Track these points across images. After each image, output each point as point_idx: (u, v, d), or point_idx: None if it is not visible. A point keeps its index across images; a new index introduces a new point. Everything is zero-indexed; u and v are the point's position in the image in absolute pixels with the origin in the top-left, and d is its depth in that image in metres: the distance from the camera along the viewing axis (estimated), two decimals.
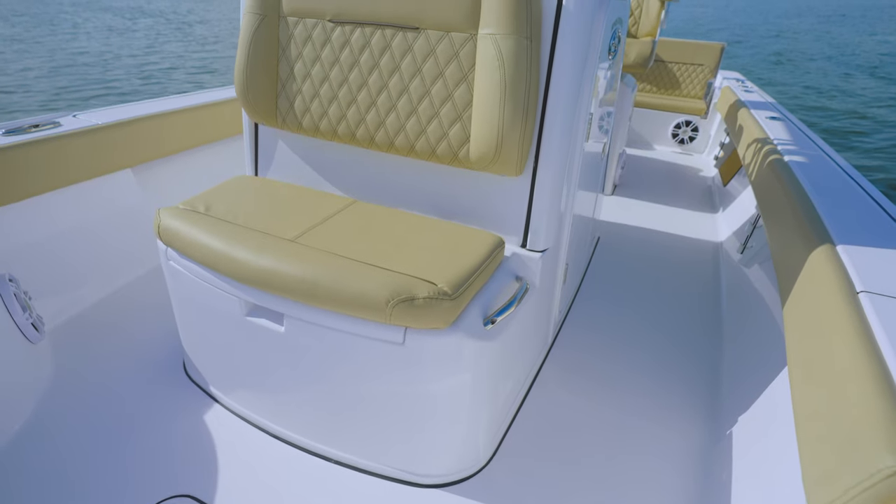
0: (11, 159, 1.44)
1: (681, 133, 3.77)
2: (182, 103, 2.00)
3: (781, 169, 1.59)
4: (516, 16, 1.03)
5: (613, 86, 1.66)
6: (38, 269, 1.57)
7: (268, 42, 1.31)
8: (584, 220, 1.72)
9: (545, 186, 1.19)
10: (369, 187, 1.41)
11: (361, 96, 1.24)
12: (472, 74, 1.11)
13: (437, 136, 1.18)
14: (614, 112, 1.89)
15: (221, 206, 1.24)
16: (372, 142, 1.27)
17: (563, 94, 1.11)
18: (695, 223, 2.62)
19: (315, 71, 1.28)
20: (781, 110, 2.62)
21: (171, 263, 1.22)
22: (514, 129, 1.08)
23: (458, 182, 1.28)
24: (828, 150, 1.88)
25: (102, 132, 1.68)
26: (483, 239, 1.13)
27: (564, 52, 1.08)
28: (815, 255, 1.05)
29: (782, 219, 1.34)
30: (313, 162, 1.47)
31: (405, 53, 1.16)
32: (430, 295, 0.93)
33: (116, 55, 13.53)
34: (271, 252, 1.03)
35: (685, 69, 3.80)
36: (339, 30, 1.23)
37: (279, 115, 1.37)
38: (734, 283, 1.94)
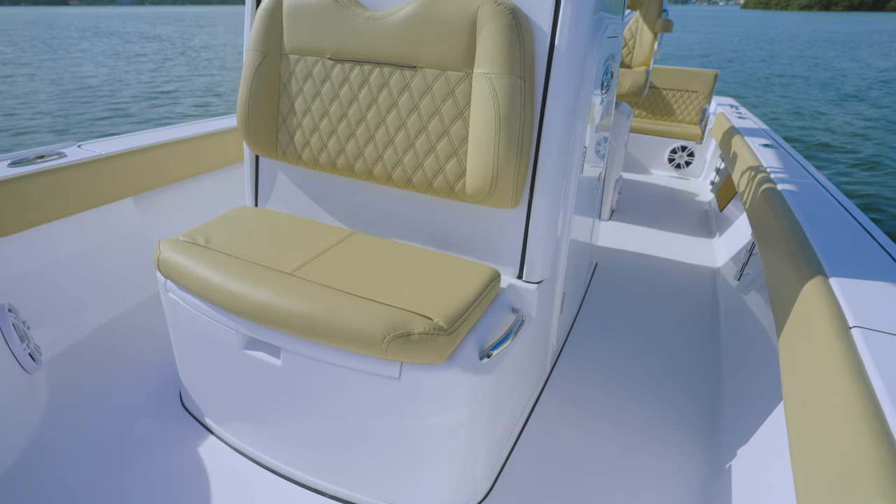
0: (16, 190, 1.47)
1: (677, 158, 3.81)
2: (184, 133, 2.04)
3: (775, 198, 1.61)
4: (510, 56, 1.06)
5: (608, 115, 1.70)
6: (38, 297, 1.58)
7: (270, 78, 1.35)
8: (582, 248, 1.73)
9: (540, 219, 1.21)
10: (367, 218, 1.43)
11: (360, 131, 1.27)
12: (467, 111, 1.14)
13: (433, 170, 1.20)
14: (610, 138, 1.92)
15: (221, 238, 1.26)
16: (370, 175, 1.30)
17: (557, 130, 1.14)
18: (692, 248, 2.63)
19: (315, 106, 1.32)
20: (774, 137, 2.66)
21: (170, 295, 1.23)
22: (508, 164, 1.10)
23: (455, 214, 1.30)
24: (820, 178, 1.90)
25: (105, 162, 1.71)
26: (479, 271, 1.14)
27: (558, 90, 1.11)
28: (809, 287, 1.06)
29: (776, 249, 1.35)
30: (312, 193, 1.49)
31: (403, 90, 1.20)
32: (426, 330, 0.93)
33: (123, 80, 13.82)
34: (269, 286, 1.04)
35: (680, 95, 3.88)
36: (338, 67, 1.26)
37: (279, 147, 1.40)
38: (731, 312, 1.94)
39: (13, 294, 1.51)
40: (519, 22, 1.07)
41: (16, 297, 1.51)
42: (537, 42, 1.11)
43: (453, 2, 1.11)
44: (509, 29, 1.05)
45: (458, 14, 1.10)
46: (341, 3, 1.23)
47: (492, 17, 1.06)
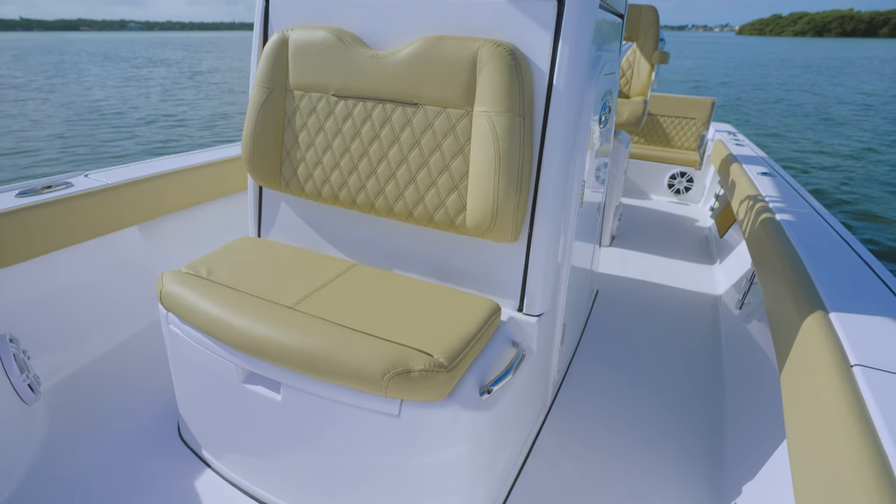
0: (22, 220, 1.49)
1: (676, 183, 3.85)
2: (188, 161, 2.07)
3: (774, 229, 1.62)
4: (509, 96, 1.09)
5: (607, 144, 1.72)
6: (41, 325, 1.59)
7: (274, 113, 1.38)
8: (582, 276, 1.73)
9: (540, 253, 1.22)
10: (369, 250, 1.44)
11: (362, 165, 1.29)
12: (468, 147, 1.16)
13: (434, 204, 1.22)
14: (610, 166, 1.94)
15: (223, 269, 1.27)
16: (372, 207, 1.31)
17: (556, 166, 1.16)
18: (693, 275, 2.63)
19: (318, 140, 1.34)
20: (772, 165, 2.69)
21: (172, 327, 1.23)
22: (508, 199, 1.12)
23: (455, 247, 1.31)
24: (819, 207, 1.92)
25: (111, 192, 1.74)
26: (479, 305, 1.15)
27: (556, 127, 1.14)
28: (809, 323, 1.06)
29: (776, 281, 1.36)
30: (315, 224, 1.51)
31: (404, 126, 1.22)
32: (426, 367, 0.93)
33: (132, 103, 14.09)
34: (270, 320, 1.05)
35: (678, 122, 3.94)
36: (342, 103, 1.29)
37: (283, 179, 1.42)
38: (733, 343, 1.93)
39: (15, 323, 1.51)
40: (518, 62, 1.10)
41: (18, 325, 1.52)
42: (536, 81, 1.14)
43: (454, 42, 1.14)
44: (508, 69, 1.08)
45: (459, 54, 1.13)
46: (345, 42, 1.27)
47: (491, 58, 1.10)
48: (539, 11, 1.11)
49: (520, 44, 1.14)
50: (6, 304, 1.50)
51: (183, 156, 2.18)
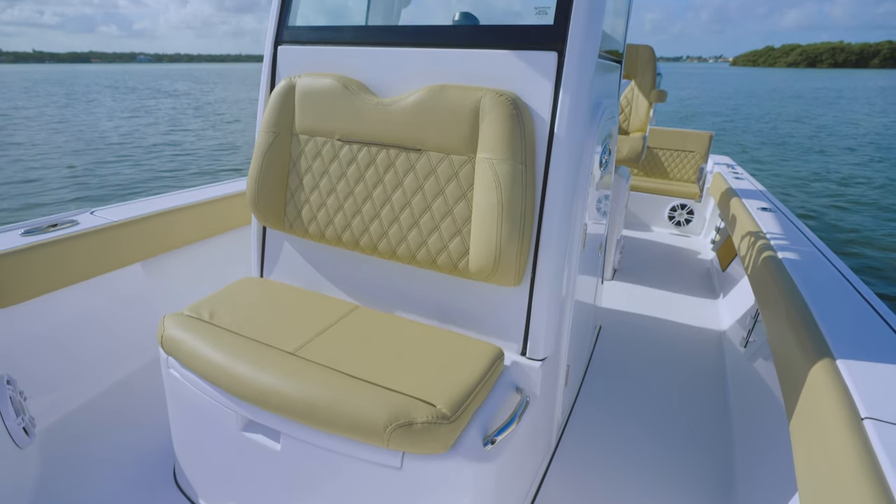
0: (27, 260, 1.49)
1: (676, 216, 3.87)
2: (193, 198, 2.09)
3: (777, 268, 1.62)
4: (511, 144, 1.11)
5: (608, 176, 1.74)
6: (38, 365, 1.57)
7: (280, 156, 1.40)
8: (585, 313, 1.72)
9: (543, 297, 1.21)
10: (372, 292, 1.44)
11: (366, 208, 1.31)
12: (470, 193, 1.18)
13: (437, 248, 1.23)
14: (610, 199, 1.95)
15: (225, 312, 1.27)
16: (375, 250, 1.32)
17: (558, 212, 1.17)
18: (696, 310, 2.61)
19: (323, 183, 1.36)
20: (772, 199, 2.71)
21: (172, 372, 1.22)
22: (511, 245, 1.12)
23: (458, 290, 1.31)
24: (820, 245, 1.92)
25: (115, 229, 1.75)
26: (482, 351, 1.14)
27: (558, 175, 1.15)
28: (817, 371, 1.04)
29: (781, 323, 1.35)
30: (318, 265, 1.51)
31: (408, 171, 1.24)
32: (429, 419, 0.92)
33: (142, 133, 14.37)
34: (271, 368, 1.04)
35: (677, 155, 3.99)
36: (346, 148, 1.32)
37: (287, 220, 1.43)
38: (740, 385, 1.90)
39: (14, 362, 1.50)
40: (519, 111, 1.12)
41: (16, 365, 1.50)
42: (538, 129, 1.16)
43: (457, 91, 1.17)
44: (510, 119, 1.11)
45: (462, 103, 1.16)
46: (351, 89, 1.30)
47: (494, 107, 1.12)
48: (540, 62, 1.14)
49: (521, 93, 1.17)
50: (6, 343, 1.49)
51: (187, 192, 2.20)
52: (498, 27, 1.20)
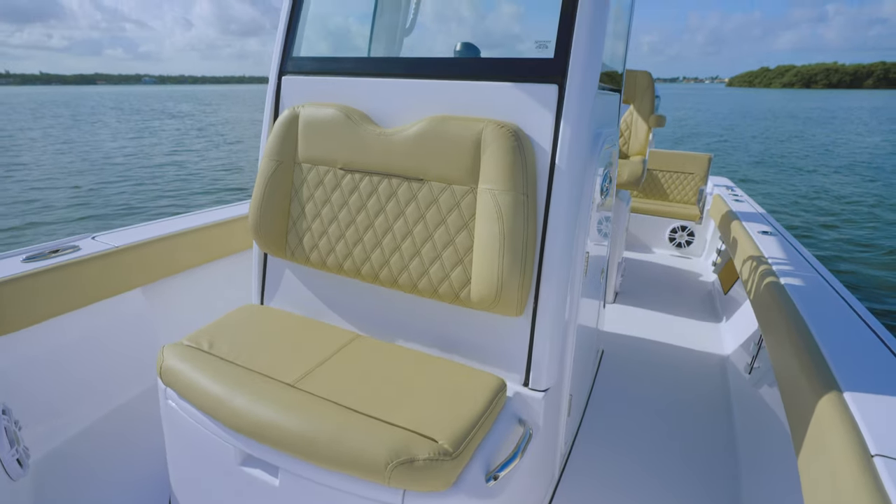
0: (28, 287, 1.49)
1: (677, 237, 3.87)
2: (194, 222, 2.09)
3: (780, 295, 1.61)
4: (513, 175, 1.11)
5: (609, 202, 1.74)
6: (35, 392, 1.55)
7: (282, 184, 1.41)
8: (588, 339, 1.71)
9: (546, 326, 1.20)
10: (373, 321, 1.43)
11: (368, 236, 1.31)
12: (472, 222, 1.18)
13: (439, 277, 1.22)
14: (611, 221, 1.95)
15: (225, 341, 1.26)
16: (376, 278, 1.31)
17: (560, 242, 1.17)
18: (699, 334, 2.59)
19: (325, 211, 1.36)
20: (772, 222, 2.71)
21: (170, 403, 1.20)
22: (513, 275, 1.12)
23: (460, 319, 1.30)
24: (822, 270, 1.91)
25: (116, 255, 1.75)
26: (484, 382, 1.12)
27: (559, 205, 1.16)
28: (825, 404, 1.03)
29: (786, 354, 1.33)
30: (319, 293, 1.50)
31: (410, 201, 1.24)
32: (431, 456, 0.90)
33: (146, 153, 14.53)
34: (270, 401, 1.02)
35: (677, 177, 4.02)
36: (349, 177, 1.32)
37: (288, 248, 1.43)
38: (745, 415, 1.87)
39: (11, 391, 1.48)
40: (521, 143, 1.13)
41: (13, 393, 1.48)
42: (539, 160, 1.17)
43: (459, 123, 1.19)
44: (512, 150, 1.12)
45: (464, 134, 1.17)
46: (353, 119, 1.32)
47: (495, 139, 1.13)
48: (541, 94, 1.16)
49: (522, 124, 1.18)
50: (3, 371, 1.48)
51: (189, 216, 2.21)
52: (499, 60, 1.22)
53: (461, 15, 2.84)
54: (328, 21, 1.85)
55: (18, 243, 6.46)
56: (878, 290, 5.24)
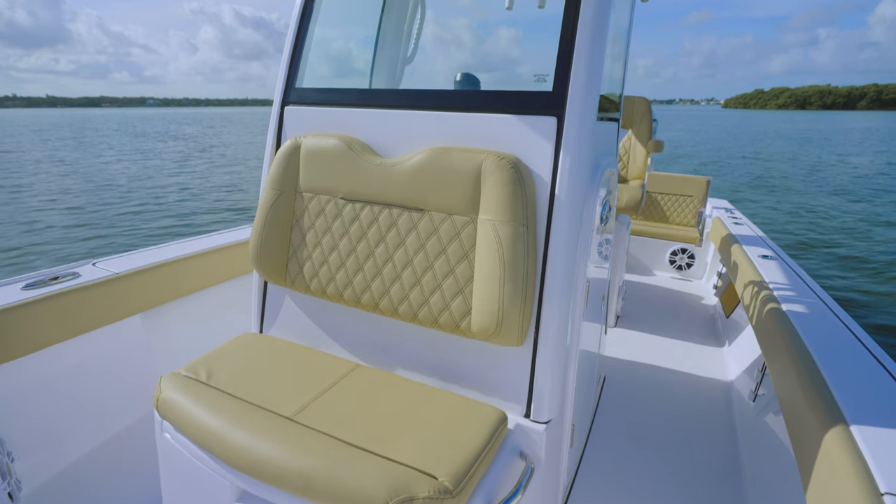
0: (27, 315, 1.48)
1: (678, 260, 3.87)
2: (196, 247, 2.09)
3: (782, 322, 1.60)
4: (512, 206, 1.12)
5: (609, 227, 1.74)
6: (29, 422, 1.53)
7: (283, 213, 1.41)
8: (590, 366, 1.69)
9: (547, 357, 1.19)
10: (372, 350, 1.42)
11: (368, 266, 1.31)
12: (472, 253, 1.18)
13: (439, 307, 1.22)
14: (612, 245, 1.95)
15: (223, 371, 1.24)
16: (376, 307, 1.31)
17: (560, 273, 1.17)
18: (701, 358, 2.57)
19: (325, 240, 1.37)
20: (772, 246, 2.71)
21: (166, 436, 1.18)
22: (513, 306, 1.11)
23: (460, 349, 1.29)
24: (823, 295, 1.91)
25: (116, 282, 1.74)
26: (485, 415, 1.10)
27: (559, 236, 1.16)
28: (831, 439, 1.01)
29: (791, 385, 1.32)
30: (318, 321, 1.49)
31: (410, 231, 1.25)
32: (430, 494, 0.88)
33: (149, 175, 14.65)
34: (267, 436, 1.00)
35: (676, 199, 4.04)
36: (349, 206, 1.33)
37: (289, 276, 1.43)
38: (751, 445, 1.83)
39: (5, 421, 1.46)
40: (520, 174, 1.14)
41: (7, 423, 1.46)
42: (538, 192, 1.18)
43: (459, 154, 1.20)
44: (512, 182, 1.12)
45: (464, 165, 1.18)
46: (355, 150, 1.33)
47: (495, 170, 1.14)
48: (540, 126, 1.17)
49: (522, 155, 1.19)
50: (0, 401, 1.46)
51: (191, 241, 2.21)
52: (499, 93, 1.24)
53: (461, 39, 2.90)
54: (331, 51, 1.88)
55: (21, 263, 6.46)
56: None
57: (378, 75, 2.06)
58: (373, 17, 2.11)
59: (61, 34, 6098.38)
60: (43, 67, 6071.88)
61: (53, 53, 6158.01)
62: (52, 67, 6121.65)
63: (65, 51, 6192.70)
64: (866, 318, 5.00)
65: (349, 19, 2.14)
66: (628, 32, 2.02)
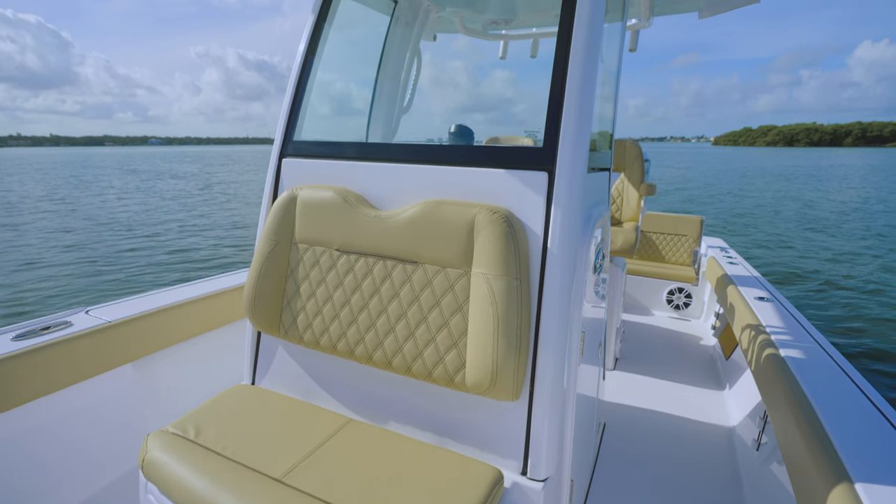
0: (17, 367, 1.46)
1: (675, 299, 3.87)
2: (190, 293, 2.08)
3: (782, 370, 1.58)
4: (505, 260, 1.13)
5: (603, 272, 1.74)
6: (11, 478, 1.48)
7: (278, 264, 1.42)
8: (588, 413, 1.65)
9: (543, 411, 1.17)
10: (365, 404, 1.39)
11: (362, 317, 1.30)
12: (466, 306, 1.18)
13: (433, 360, 1.20)
14: (608, 291, 1.94)
15: (213, 428, 1.21)
16: (370, 359, 1.29)
17: (554, 324, 1.16)
18: (703, 403, 2.53)
19: (320, 291, 1.37)
20: (768, 287, 2.72)
21: (150, 498, 1.14)
22: (508, 360, 1.11)
23: (455, 404, 1.27)
24: (821, 339, 1.90)
25: (108, 331, 1.72)
26: (480, 474, 1.07)
27: (552, 289, 1.16)
28: (836, 496, 0.98)
29: (793, 437, 1.29)
30: (312, 373, 1.47)
31: (404, 283, 1.25)
32: None
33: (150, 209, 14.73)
34: (255, 501, 0.97)
35: (671, 239, 4.07)
36: (344, 258, 1.34)
37: (282, 327, 1.42)
38: (756, 496, 1.78)
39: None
40: (513, 228, 1.15)
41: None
42: (531, 245, 1.19)
43: (452, 208, 1.22)
44: (504, 236, 1.14)
45: (457, 219, 1.20)
46: (350, 202, 1.35)
47: (488, 224, 1.16)
48: (531, 180, 1.20)
49: (514, 209, 1.21)
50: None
51: (185, 287, 2.20)
52: (491, 148, 1.27)
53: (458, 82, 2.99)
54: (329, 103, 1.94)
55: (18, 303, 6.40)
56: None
57: (375, 126, 2.12)
58: (372, 62, 2.18)
59: (69, 76, 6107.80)
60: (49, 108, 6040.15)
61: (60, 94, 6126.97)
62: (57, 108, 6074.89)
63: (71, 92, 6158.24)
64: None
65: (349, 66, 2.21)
66: (617, 77, 2.08)
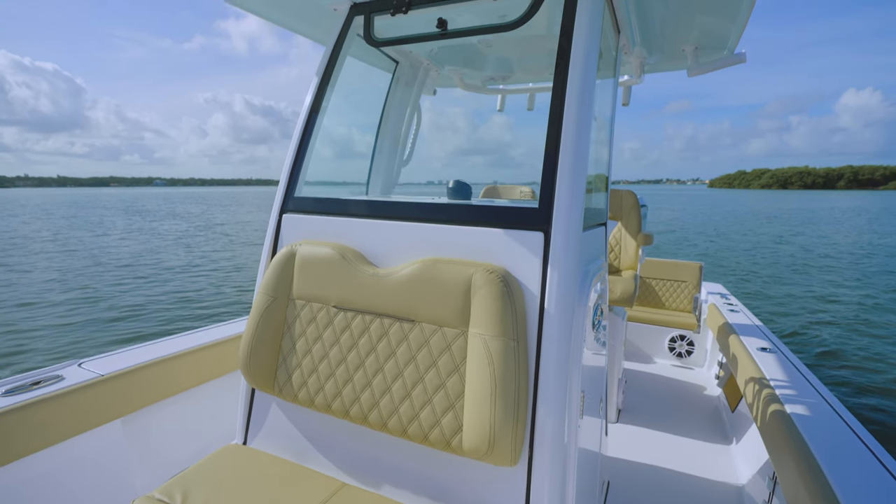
0: (5, 424, 1.42)
1: (677, 347, 3.81)
2: (184, 345, 2.05)
3: (790, 429, 1.54)
4: (502, 321, 1.13)
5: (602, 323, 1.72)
6: None
7: (275, 319, 1.41)
8: (591, 474, 1.59)
9: (543, 477, 1.13)
10: (360, 466, 1.35)
11: (358, 376, 1.28)
12: (463, 366, 1.16)
13: (429, 423, 1.18)
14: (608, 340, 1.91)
15: (200, 493, 1.17)
16: (365, 420, 1.26)
17: (552, 386, 1.14)
18: (710, 459, 2.44)
19: (316, 348, 1.35)
20: (769, 336, 2.69)
21: None
22: (506, 424, 1.08)
23: (452, 468, 1.23)
24: (825, 392, 1.87)
25: (100, 385, 1.69)
26: None
27: (550, 350, 1.15)
28: None
29: (803, 500, 1.24)
30: (306, 433, 1.44)
31: (401, 341, 1.24)
32: None
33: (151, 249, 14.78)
34: None
35: (670, 285, 4.06)
36: (341, 315, 1.33)
37: (277, 384, 1.39)
38: None
39: None
40: (510, 288, 1.16)
41: None
42: (528, 305, 1.19)
43: (450, 266, 1.22)
44: (501, 296, 1.14)
45: (454, 278, 1.20)
46: (348, 259, 1.36)
47: (484, 284, 1.16)
48: (528, 240, 1.21)
49: (511, 268, 1.22)
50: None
51: (181, 337, 2.18)
52: (488, 207, 1.29)
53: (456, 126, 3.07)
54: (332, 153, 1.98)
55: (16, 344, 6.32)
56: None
57: (375, 179, 2.17)
58: (373, 109, 2.24)
59: (79, 120, 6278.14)
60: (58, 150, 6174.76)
61: (70, 137, 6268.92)
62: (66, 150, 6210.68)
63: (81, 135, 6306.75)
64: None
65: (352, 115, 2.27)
66: (611, 129, 2.12)
